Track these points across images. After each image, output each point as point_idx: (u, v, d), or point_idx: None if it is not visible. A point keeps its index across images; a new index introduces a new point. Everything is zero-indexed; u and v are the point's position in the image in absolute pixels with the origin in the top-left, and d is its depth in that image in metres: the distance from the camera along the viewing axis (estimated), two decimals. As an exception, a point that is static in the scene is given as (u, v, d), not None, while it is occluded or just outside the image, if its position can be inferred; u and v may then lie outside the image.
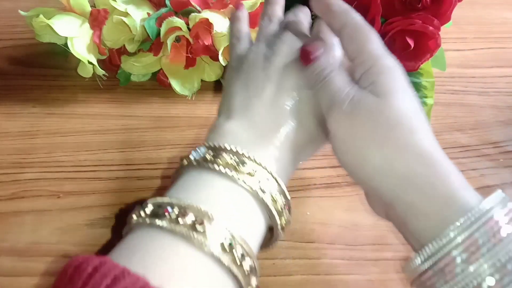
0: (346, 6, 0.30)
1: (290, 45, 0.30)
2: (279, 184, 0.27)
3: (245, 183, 0.25)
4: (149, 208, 0.24)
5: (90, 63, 0.44)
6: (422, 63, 0.48)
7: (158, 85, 0.48)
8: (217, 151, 0.27)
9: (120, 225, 0.26)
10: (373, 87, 0.27)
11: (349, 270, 0.36)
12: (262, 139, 0.28)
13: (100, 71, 0.45)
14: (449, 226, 0.23)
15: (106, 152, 0.42)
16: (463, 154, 0.44)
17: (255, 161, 0.26)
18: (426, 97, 0.48)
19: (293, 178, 0.30)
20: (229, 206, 0.25)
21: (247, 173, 0.26)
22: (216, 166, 0.26)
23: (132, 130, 0.44)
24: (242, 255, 0.23)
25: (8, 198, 0.38)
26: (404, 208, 0.25)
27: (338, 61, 0.30)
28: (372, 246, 0.37)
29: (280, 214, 0.27)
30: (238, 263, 0.23)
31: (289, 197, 0.27)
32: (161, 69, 0.47)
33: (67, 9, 0.45)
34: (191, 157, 0.27)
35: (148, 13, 0.44)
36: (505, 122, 0.48)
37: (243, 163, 0.26)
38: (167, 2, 0.45)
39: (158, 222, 0.23)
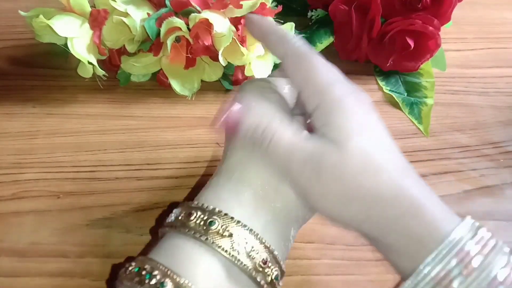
0: (282, 32, 0.27)
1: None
2: (256, 237, 0.24)
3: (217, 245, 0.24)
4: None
5: (90, 63, 0.44)
6: (422, 63, 0.48)
7: (158, 85, 0.48)
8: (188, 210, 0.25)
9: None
10: (327, 129, 0.25)
11: (349, 271, 0.36)
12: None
13: (100, 72, 0.45)
14: (422, 262, 0.23)
15: (105, 153, 0.42)
16: (463, 155, 0.44)
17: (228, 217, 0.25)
18: (426, 97, 0.48)
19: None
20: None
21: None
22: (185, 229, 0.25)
23: (132, 131, 0.44)
24: None
25: (8, 198, 0.38)
26: (383, 248, 0.25)
27: (274, 113, 0.27)
28: (372, 247, 0.37)
29: (257, 271, 0.24)
30: None
31: (272, 249, 0.25)
32: (161, 69, 0.47)
33: (67, 10, 0.45)
34: (186, 218, 0.25)
35: (148, 13, 0.44)
36: (505, 122, 0.48)
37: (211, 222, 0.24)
38: (167, 2, 0.45)
39: None
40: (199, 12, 0.44)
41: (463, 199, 0.41)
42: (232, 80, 0.48)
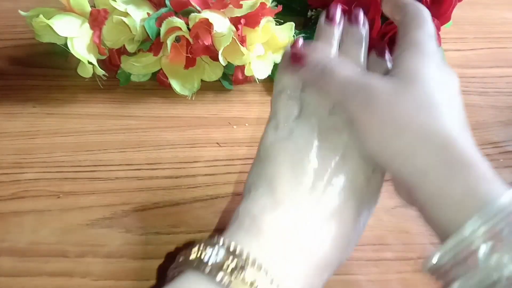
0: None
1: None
2: None
3: None
4: None
5: (90, 63, 0.44)
6: (422, 63, 0.48)
7: (158, 85, 0.48)
8: (241, 263, 0.22)
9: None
10: (398, 70, 0.26)
11: (349, 270, 0.36)
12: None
13: (100, 71, 0.45)
14: (470, 218, 0.22)
15: (105, 152, 0.42)
16: (463, 154, 0.44)
17: None
18: (426, 97, 0.48)
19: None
20: None
21: None
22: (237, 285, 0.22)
23: (132, 130, 0.44)
24: None
25: (8, 198, 0.38)
26: (423, 196, 0.24)
27: (335, 54, 0.29)
28: (372, 246, 0.37)
29: None
30: None
31: None
32: (161, 69, 0.47)
33: (67, 9, 0.45)
34: (205, 256, 0.23)
35: (148, 13, 0.44)
36: (505, 122, 0.48)
37: None
38: (167, 2, 0.45)
39: None
40: (199, 12, 0.44)
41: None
42: (232, 80, 0.48)
